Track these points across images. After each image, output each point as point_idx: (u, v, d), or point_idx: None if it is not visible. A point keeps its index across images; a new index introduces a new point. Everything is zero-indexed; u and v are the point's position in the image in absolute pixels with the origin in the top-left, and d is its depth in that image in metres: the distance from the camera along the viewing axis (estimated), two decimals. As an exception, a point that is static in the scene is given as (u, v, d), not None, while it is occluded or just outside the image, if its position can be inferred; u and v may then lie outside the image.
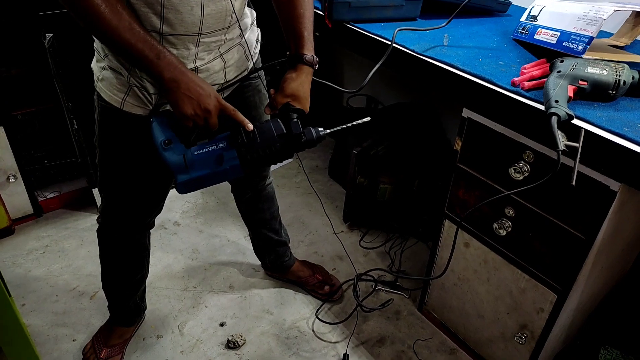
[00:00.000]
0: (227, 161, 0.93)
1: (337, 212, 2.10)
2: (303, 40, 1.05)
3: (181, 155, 0.91)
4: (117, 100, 1.01)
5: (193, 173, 0.91)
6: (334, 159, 2.33)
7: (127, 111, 1.02)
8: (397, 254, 1.90)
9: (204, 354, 1.49)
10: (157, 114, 0.97)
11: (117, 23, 0.83)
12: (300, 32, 1.05)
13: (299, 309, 1.66)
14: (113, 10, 0.82)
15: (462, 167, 1.28)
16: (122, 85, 1.00)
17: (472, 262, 1.37)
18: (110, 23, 0.82)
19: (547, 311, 1.21)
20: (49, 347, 1.49)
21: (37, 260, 1.81)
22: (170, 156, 0.91)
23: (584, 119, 0.98)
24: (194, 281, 1.75)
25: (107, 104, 1.04)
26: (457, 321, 1.52)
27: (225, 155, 0.93)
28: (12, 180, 1.82)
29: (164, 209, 1.31)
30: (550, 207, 1.11)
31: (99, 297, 1.65)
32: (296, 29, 1.05)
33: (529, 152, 1.09)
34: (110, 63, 0.99)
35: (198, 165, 0.92)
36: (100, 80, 1.03)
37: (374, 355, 1.51)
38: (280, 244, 1.66)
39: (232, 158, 0.93)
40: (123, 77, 0.99)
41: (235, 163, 0.93)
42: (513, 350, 1.35)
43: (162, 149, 0.91)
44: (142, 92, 0.99)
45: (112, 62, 0.99)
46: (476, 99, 1.15)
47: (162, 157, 0.91)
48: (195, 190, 0.95)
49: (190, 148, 0.93)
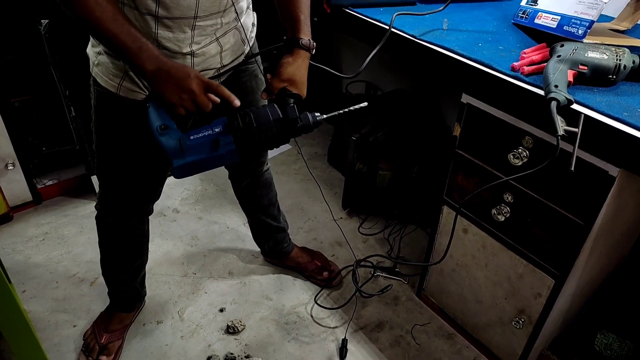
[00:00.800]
0: (223, 146, 0.93)
1: (336, 199, 2.10)
2: (299, 24, 1.04)
3: (177, 140, 0.91)
4: (113, 85, 1.01)
5: (189, 158, 0.91)
6: (333, 146, 2.32)
7: (123, 96, 1.01)
8: (396, 240, 1.90)
9: (203, 339, 1.50)
10: (154, 99, 0.96)
11: (100, 14, 0.82)
12: (297, 15, 1.04)
13: (298, 295, 1.67)
14: (97, 0, 0.81)
15: (461, 153, 1.28)
16: (118, 70, 0.99)
17: (470, 248, 1.37)
18: (94, 13, 0.81)
19: (544, 296, 1.21)
20: (50, 333, 1.50)
21: (36, 247, 1.81)
22: (166, 141, 0.90)
23: (583, 103, 0.97)
24: (194, 267, 1.76)
25: (103, 89, 1.03)
26: (455, 306, 1.53)
27: (221, 140, 0.92)
28: (11, 168, 1.82)
29: (163, 196, 1.31)
30: (549, 193, 1.11)
31: (98, 284, 1.66)
32: (292, 12, 1.04)
33: (528, 137, 1.09)
34: (105, 48, 0.98)
35: (194, 150, 0.92)
36: (96, 65, 1.03)
37: (372, 340, 1.53)
38: (279, 230, 1.66)
39: (228, 143, 0.93)
40: (118, 61, 0.98)
41: (231, 148, 0.93)
42: (510, 335, 1.36)
43: (158, 134, 0.90)
44: (137, 76, 0.98)
45: None
46: (475, 84, 1.15)
47: (158, 142, 0.91)
48: (191, 175, 0.95)
49: (186, 133, 0.92)
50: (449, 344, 1.53)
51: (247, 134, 0.93)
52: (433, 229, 1.48)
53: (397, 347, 1.51)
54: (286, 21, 1.06)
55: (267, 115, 0.95)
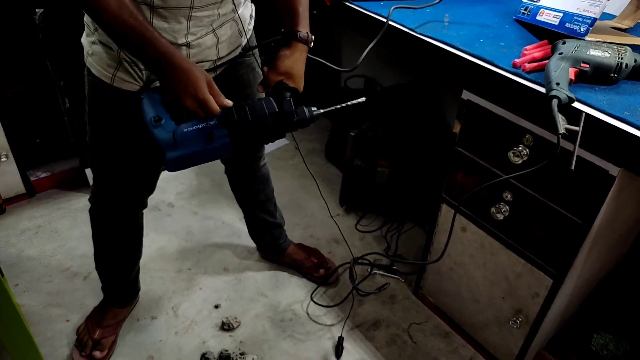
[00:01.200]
0: (218, 139, 0.91)
1: (334, 195, 2.09)
2: (298, 17, 1.02)
3: (170, 132, 0.89)
4: (107, 76, 0.99)
5: (182, 150, 0.89)
6: (331, 142, 2.30)
7: (117, 87, 0.99)
8: (393, 238, 1.89)
9: (198, 336, 1.49)
10: (148, 90, 0.94)
11: (118, 10, 0.80)
12: (295, 8, 1.02)
13: (293, 292, 1.66)
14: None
15: (460, 151, 1.26)
16: (112, 60, 0.97)
17: (468, 247, 1.36)
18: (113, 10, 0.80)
19: (542, 296, 1.20)
20: (43, 327, 1.48)
21: (30, 241, 1.79)
22: (160, 133, 0.89)
23: (584, 102, 0.96)
24: (188, 263, 1.74)
25: (97, 80, 1.01)
26: (452, 305, 1.52)
27: (215, 133, 0.91)
28: (4, 160, 1.79)
29: (157, 190, 1.29)
30: (548, 192, 1.10)
31: (92, 278, 1.64)
32: (291, 4, 1.02)
33: (529, 135, 1.08)
34: (100, 37, 0.96)
35: (187, 142, 0.90)
36: (90, 55, 1.01)
37: (368, 338, 1.52)
38: (275, 226, 1.64)
39: (222, 136, 0.91)
40: (113, 51, 0.96)
41: (225, 141, 0.91)
42: (507, 335, 1.35)
43: (151, 126, 0.89)
44: (132, 67, 0.97)
45: (102, 37, 0.96)
46: (476, 80, 1.13)
47: (152, 133, 0.89)
48: (185, 168, 0.93)
49: (180, 125, 0.91)
50: (445, 343, 1.52)
51: (242, 128, 0.92)
52: (431, 227, 1.46)
53: (394, 346, 1.50)
54: (284, 13, 1.04)
55: (262, 108, 0.93)
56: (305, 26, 1.03)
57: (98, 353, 1.38)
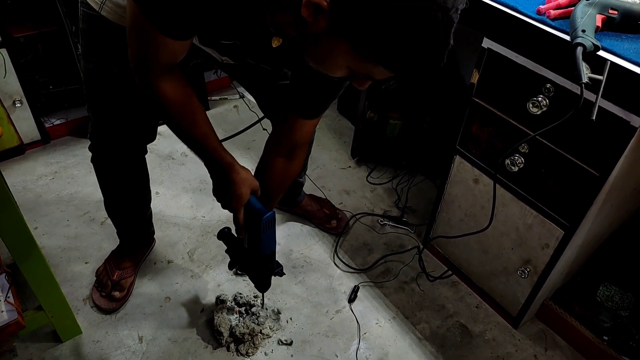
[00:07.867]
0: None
1: (346, 148, 2.09)
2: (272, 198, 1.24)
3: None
4: (96, 2, 0.96)
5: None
6: (343, 94, 2.27)
7: (106, 17, 0.96)
8: (404, 191, 1.90)
9: (213, 279, 1.54)
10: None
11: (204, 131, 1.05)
12: (275, 193, 1.26)
13: (305, 241, 1.69)
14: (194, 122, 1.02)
15: (477, 102, 1.25)
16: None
17: (480, 199, 1.37)
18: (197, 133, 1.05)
19: (552, 247, 1.22)
20: (62, 269, 1.54)
21: (46, 186, 1.83)
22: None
23: (610, 50, 0.94)
24: (202, 211, 1.77)
25: (88, 10, 0.98)
26: (460, 256, 1.55)
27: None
28: (18, 105, 1.80)
29: (171, 139, 1.30)
30: (566, 143, 1.09)
31: (109, 224, 1.66)
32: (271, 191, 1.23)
33: (550, 85, 1.06)
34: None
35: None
36: None
37: (377, 285, 1.56)
38: (298, 185, 1.66)
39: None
40: None
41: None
42: (514, 284, 1.38)
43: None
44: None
45: None
46: (498, 28, 1.10)
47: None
48: None
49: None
50: (452, 291, 1.56)
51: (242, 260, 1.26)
52: (443, 179, 1.47)
53: (402, 293, 1.54)
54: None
55: None
56: None
57: (117, 293, 1.43)
